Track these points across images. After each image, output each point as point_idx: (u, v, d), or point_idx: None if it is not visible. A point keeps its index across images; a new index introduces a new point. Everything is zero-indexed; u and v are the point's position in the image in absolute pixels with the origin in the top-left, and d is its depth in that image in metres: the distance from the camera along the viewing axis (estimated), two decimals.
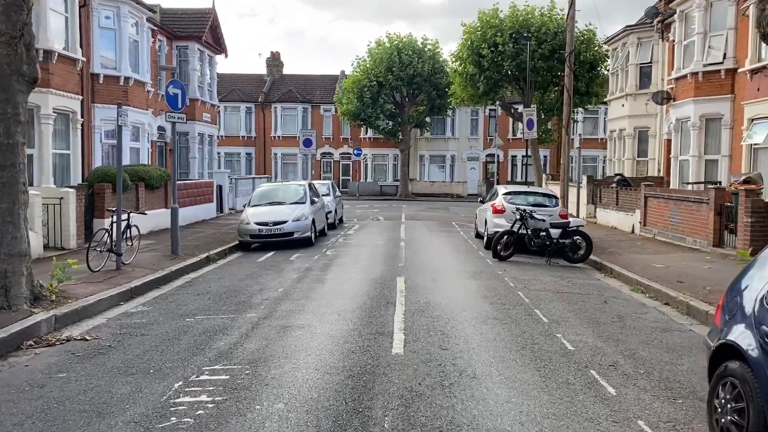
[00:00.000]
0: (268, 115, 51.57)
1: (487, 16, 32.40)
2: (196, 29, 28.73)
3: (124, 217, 12.54)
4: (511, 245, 14.59)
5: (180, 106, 14.36)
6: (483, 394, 5.76)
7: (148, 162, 23.08)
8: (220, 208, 26.56)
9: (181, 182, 22.15)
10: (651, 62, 25.81)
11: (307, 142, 28.52)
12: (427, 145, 50.79)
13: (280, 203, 17.88)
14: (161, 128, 25.28)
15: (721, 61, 19.05)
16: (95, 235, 12.35)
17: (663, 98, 23.22)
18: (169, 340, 7.59)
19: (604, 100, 31.66)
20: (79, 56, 18.53)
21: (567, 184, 21.54)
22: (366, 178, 50.56)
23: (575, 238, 14.41)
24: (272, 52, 56.05)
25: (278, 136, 51.26)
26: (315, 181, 23.93)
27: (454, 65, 34.91)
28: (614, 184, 23.34)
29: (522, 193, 17.38)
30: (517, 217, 14.79)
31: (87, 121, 19.83)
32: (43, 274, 9.80)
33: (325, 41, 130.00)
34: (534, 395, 5.77)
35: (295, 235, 16.74)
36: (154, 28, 24.91)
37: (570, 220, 15.33)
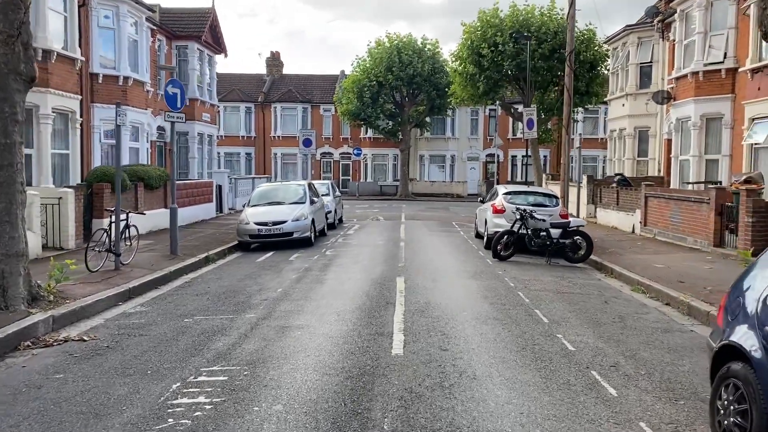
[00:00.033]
0: (268, 115, 51.52)
1: (487, 15, 32.36)
2: (196, 29, 28.69)
3: (123, 217, 12.51)
4: (511, 245, 14.55)
5: (179, 105, 14.31)
6: (483, 396, 5.72)
7: (148, 162, 23.06)
8: (220, 208, 26.54)
9: (181, 182, 22.11)
10: (651, 62, 25.76)
11: (307, 142, 28.50)
12: (427, 145, 50.75)
13: (279, 203, 17.83)
14: (161, 128, 25.24)
15: (721, 60, 19.01)
16: (94, 235, 12.30)
17: (663, 98, 23.18)
18: (167, 341, 7.55)
19: (605, 100, 31.62)
20: (78, 56, 18.49)
21: (567, 183, 21.51)
22: (366, 178, 50.52)
23: (575, 238, 14.38)
24: (272, 52, 56.04)
25: (278, 136, 51.21)
26: (315, 181, 23.90)
27: (454, 65, 34.86)
28: (614, 184, 23.30)
29: (522, 192, 17.34)
30: (517, 217, 14.75)
31: (86, 120, 19.78)
32: (41, 275, 9.76)
33: (325, 41, 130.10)
34: (535, 396, 5.73)
35: (295, 235, 16.70)
36: (154, 28, 24.87)
37: (570, 220, 15.30)
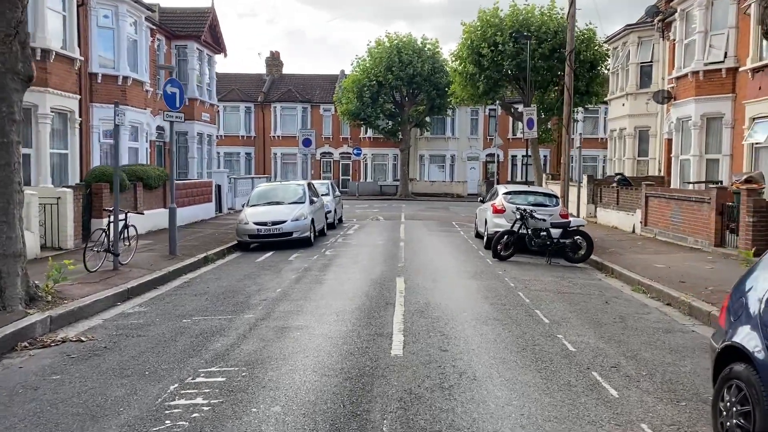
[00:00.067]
0: (268, 114, 51.46)
1: (487, 15, 32.31)
2: (195, 28, 28.65)
3: (122, 217, 12.47)
4: (511, 245, 14.51)
5: (178, 105, 14.27)
6: (483, 397, 5.68)
7: (147, 162, 23.01)
8: (219, 208, 26.51)
9: (180, 182, 22.07)
10: (651, 61, 25.72)
11: (307, 142, 28.44)
12: (427, 145, 50.70)
13: (278, 203, 17.78)
14: (160, 128, 25.19)
15: (722, 60, 18.95)
16: (92, 236, 12.28)
17: (664, 97, 23.14)
18: (165, 342, 7.50)
19: (605, 100, 31.57)
20: (77, 55, 18.45)
21: (567, 183, 21.47)
22: (366, 178, 50.46)
23: (576, 237, 14.34)
24: (272, 52, 55.86)
25: (278, 136, 51.16)
26: (314, 181, 23.86)
27: (454, 65, 34.82)
28: (615, 184, 23.26)
29: (522, 192, 17.29)
30: (518, 217, 14.71)
31: (85, 120, 19.73)
32: (39, 275, 9.72)
33: (325, 41, 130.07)
34: (535, 397, 5.68)
35: (294, 235, 16.65)
36: (153, 28, 24.82)
37: (570, 219, 15.27)
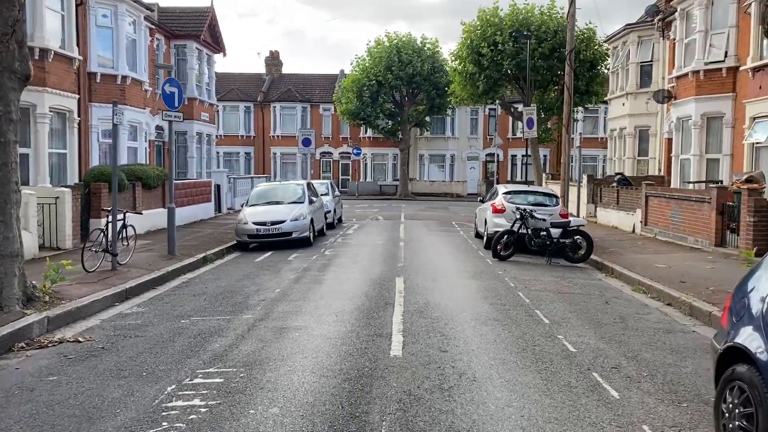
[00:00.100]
0: (267, 114, 51.42)
1: (487, 14, 32.26)
2: (195, 28, 28.60)
3: (120, 217, 12.41)
4: (511, 245, 14.46)
5: (177, 104, 14.21)
6: (483, 398, 5.63)
7: (146, 161, 22.98)
8: (219, 208, 26.46)
9: (179, 182, 22.02)
10: (652, 61, 25.68)
11: (306, 142, 28.40)
12: (426, 145, 50.67)
13: (278, 203, 17.72)
14: (159, 127, 25.14)
15: (722, 59, 18.90)
16: (90, 235, 12.22)
17: (664, 97, 23.09)
18: (163, 342, 7.45)
19: (605, 99, 31.53)
20: (75, 55, 18.41)
21: (567, 183, 21.43)
22: (365, 178, 50.42)
23: (576, 237, 14.29)
24: (271, 52, 55.72)
25: (277, 136, 51.12)
26: (314, 181, 23.82)
27: (454, 64, 34.77)
28: (615, 184, 23.22)
29: (522, 192, 17.26)
30: (518, 217, 14.66)
31: (84, 120, 19.68)
32: (37, 275, 9.67)
33: (325, 41, 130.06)
34: (535, 399, 5.64)
35: (294, 235, 16.60)
36: (152, 27, 24.78)
37: (570, 219, 15.23)
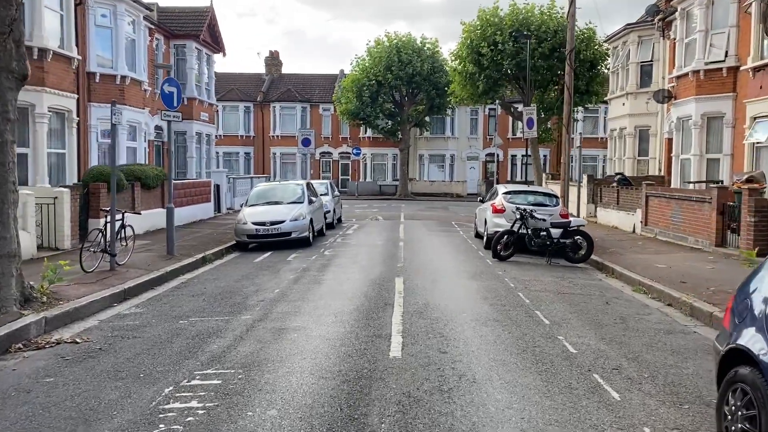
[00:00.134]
0: (267, 114, 51.37)
1: (487, 14, 32.21)
2: (194, 28, 28.56)
3: (119, 217, 12.37)
4: (511, 245, 14.42)
5: (176, 104, 14.17)
6: (483, 400, 5.59)
7: (145, 161, 22.93)
8: (218, 208, 26.41)
9: (179, 182, 21.98)
10: (652, 60, 25.64)
11: (306, 142, 28.36)
12: (426, 145, 50.62)
13: (277, 203, 17.68)
14: (158, 127, 25.09)
15: (722, 59, 18.86)
16: (89, 236, 12.17)
17: (664, 97, 23.05)
18: (161, 343, 7.41)
19: (605, 99, 31.49)
20: (74, 54, 18.36)
21: (567, 183, 21.39)
22: (365, 178, 50.38)
23: (576, 237, 14.25)
24: (271, 52, 55.66)
25: (277, 136, 51.08)
26: (313, 181, 23.79)
27: (454, 64, 34.72)
28: (615, 184, 23.18)
29: (522, 192, 17.22)
30: (518, 217, 14.62)
31: (83, 120, 19.63)
32: (35, 275, 9.63)
33: (325, 41, 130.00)
34: (536, 400, 5.59)
35: (293, 235, 16.55)
36: (151, 27, 24.73)
37: (571, 219, 15.19)
